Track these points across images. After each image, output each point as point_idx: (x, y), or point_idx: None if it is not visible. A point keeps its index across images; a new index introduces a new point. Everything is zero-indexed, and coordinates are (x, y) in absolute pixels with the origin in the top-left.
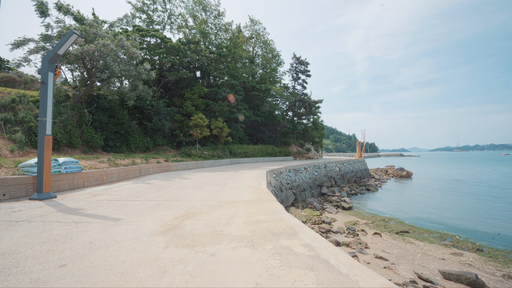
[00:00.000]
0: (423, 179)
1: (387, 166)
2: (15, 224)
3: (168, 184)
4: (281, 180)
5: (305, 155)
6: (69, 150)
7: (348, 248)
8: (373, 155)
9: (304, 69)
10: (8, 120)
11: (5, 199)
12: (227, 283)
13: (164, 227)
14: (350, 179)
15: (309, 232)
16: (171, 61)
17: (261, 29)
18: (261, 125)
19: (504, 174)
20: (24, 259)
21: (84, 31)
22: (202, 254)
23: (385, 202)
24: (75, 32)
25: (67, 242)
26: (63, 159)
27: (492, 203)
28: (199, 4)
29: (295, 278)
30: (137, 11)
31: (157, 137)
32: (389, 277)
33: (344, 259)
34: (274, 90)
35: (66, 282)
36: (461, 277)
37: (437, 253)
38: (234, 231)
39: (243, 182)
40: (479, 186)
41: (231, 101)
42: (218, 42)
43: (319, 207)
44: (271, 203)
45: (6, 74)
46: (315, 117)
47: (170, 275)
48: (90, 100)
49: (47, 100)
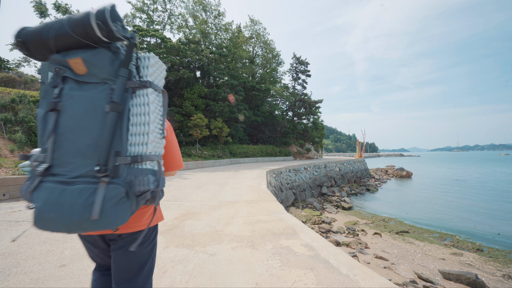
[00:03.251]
0: (423, 179)
1: (387, 166)
2: (15, 224)
3: (168, 184)
4: (281, 180)
5: (305, 155)
6: None
7: (348, 248)
8: (373, 155)
9: (304, 69)
10: (8, 120)
11: (5, 199)
12: (227, 283)
13: (164, 227)
14: (350, 179)
15: (309, 232)
16: (171, 60)
17: (261, 29)
18: (261, 125)
19: (504, 174)
20: (24, 259)
21: None
22: (202, 254)
23: (385, 202)
24: None
25: (67, 242)
26: None
27: (492, 203)
28: (199, 4)
29: (295, 278)
30: (137, 11)
31: None
32: (389, 277)
33: (344, 259)
34: (274, 90)
35: (66, 282)
36: (461, 277)
37: (437, 253)
38: (234, 231)
39: (243, 182)
40: (479, 186)
41: (231, 101)
42: (218, 42)
43: (319, 207)
44: (271, 203)
45: (6, 74)
46: (315, 117)
47: (170, 275)
48: None
49: None
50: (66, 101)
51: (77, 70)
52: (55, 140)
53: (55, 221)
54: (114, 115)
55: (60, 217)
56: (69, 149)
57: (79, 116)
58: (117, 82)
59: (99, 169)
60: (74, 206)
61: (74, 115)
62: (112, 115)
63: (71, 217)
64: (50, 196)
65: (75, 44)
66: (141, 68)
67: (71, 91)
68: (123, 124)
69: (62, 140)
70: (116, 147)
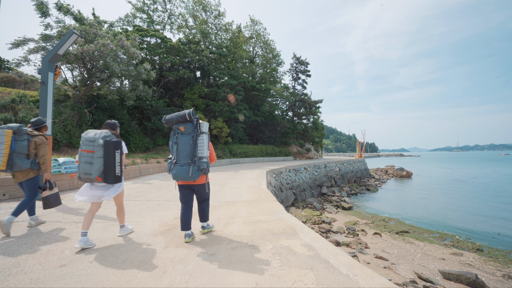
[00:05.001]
0: (423, 179)
1: (387, 166)
2: (15, 224)
3: (168, 184)
4: (281, 180)
5: (305, 155)
6: (69, 150)
7: (348, 248)
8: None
9: (304, 69)
10: (8, 120)
11: (5, 199)
12: (227, 283)
13: (164, 227)
14: (350, 179)
15: (309, 232)
16: (171, 61)
17: (262, 29)
18: (261, 125)
19: (504, 174)
20: (24, 259)
21: (84, 31)
22: (202, 254)
23: (385, 202)
24: (75, 32)
25: (67, 242)
26: (63, 159)
27: (492, 203)
28: (199, 4)
29: (295, 278)
30: (137, 11)
31: (157, 137)
32: (389, 277)
33: (344, 259)
34: (274, 90)
35: (66, 282)
36: (461, 277)
37: (437, 253)
38: (234, 231)
39: (243, 182)
40: (479, 186)
41: (231, 101)
42: (218, 42)
43: (319, 207)
44: (271, 203)
45: (6, 74)
46: (315, 117)
47: (170, 275)
48: (90, 100)
49: (47, 100)
50: (179, 139)
51: (181, 130)
52: (177, 153)
53: (179, 177)
54: (193, 144)
55: (181, 176)
56: (181, 155)
57: (183, 145)
58: (194, 133)
59: (190, 161)
60: (184, 173)
61: (181, 144)
62: (193, 144)
63: (184, 176)
64: (178, 170)
65: (181, 121)
66: (200, 127)
67: (180, 136)
68: (196, 147)
69: (179, 153)
70: (194, 154)
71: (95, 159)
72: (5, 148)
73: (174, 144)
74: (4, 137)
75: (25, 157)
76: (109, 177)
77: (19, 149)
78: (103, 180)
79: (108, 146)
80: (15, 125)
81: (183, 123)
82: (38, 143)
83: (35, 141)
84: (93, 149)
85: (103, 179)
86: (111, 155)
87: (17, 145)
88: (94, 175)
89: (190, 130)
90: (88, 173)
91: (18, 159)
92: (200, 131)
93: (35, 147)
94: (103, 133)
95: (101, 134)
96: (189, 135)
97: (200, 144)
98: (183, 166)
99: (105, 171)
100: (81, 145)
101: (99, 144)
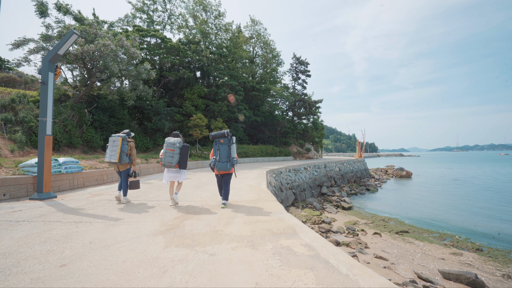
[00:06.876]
0: (423, 179)
1: (387, 166)
2: (16, 224)
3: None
4: (281, 180)
5: (305, 155)
6: (69, 150)
7: (348, 248)
8: (373, 155)
9: (304, 69)
10: (8, 120)
11: (5, 199)
12: (227, 283)
13: (164, 227)
14: (350, 179)
15: (309, 232)
16: (171, 61)
17: (262, 29)
18: (261, 125)
19: (504, 174)
20: (25, 258)
21: (84, 31)
22: (202, 254)
23: (385, 202)
24: (75, 32)
25: (67, 242)
26: (63, 159)
27: (492, 203)
28: (200, 4)
29: (295, 278)
30: (137, 11)
31: (157, 137)
32: (389, 277)
33: (344, 259)
34: (274, 90)
35: (66, 282)
36: (460, 276)
37: (437, 253)
38: (234, 231)
39: (243, 182)
40: (478, 186)
41: (231, 101)
42: (219, 42)
43: (319, 207)
44: (271, 203)
45: (6, 74)
46: (315, 117)
47: (170, 275)
48: (90, 100)
49: (47, 100)
50: (220, 147)
51: (221, 142)
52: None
53: (221, 169)
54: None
55: (222, 168)
56: (222, 156)
57: (223, 150)
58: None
59: (227, 160)
60: (224, 167)
61: (222, 150)
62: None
63: (224, 168)
64: (220, 165)
65: (221, 136)
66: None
67: (220, 145)
68: (230, 151)
69: (220, 155)
70: (229, 156)
71: (175, 155)
72: (118, 149)
73: (217, 150)
74: (118, 142)
75: (125, 155)
76: (183, 165)
77: (124, 150)
78: (179, 167)
79: (183, 148)
80: (122, 135)
81: (223, 137)
82: (131, 146)
83: (130, 145)
84: (173, 149)
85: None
86: (184, 153)
87: (123, 147)
88: (174, 163)
89: (227, 141)
90: (170, 162)
91: (124, 156)
92: (232, 142)
93: (129, 149)
94: (179, 140)
95: (178, 140)
96: (226, 144)
97: (232, 150)
98: (223, 163)
99: (179, 162)
100: (166, 146)
101: (177, 147)
